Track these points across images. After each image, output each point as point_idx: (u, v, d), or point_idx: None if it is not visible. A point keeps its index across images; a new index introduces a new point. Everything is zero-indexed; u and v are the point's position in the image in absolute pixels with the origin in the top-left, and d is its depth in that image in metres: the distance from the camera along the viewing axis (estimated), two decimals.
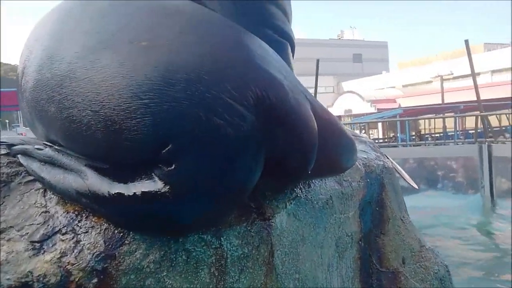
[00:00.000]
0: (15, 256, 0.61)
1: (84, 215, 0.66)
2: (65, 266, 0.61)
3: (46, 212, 0.67)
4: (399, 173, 1.33)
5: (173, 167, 0.58)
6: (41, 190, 0.71)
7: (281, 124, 0.60)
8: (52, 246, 0.62)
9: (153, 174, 0.60)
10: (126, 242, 0.63)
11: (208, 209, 0.60)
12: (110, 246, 0.63)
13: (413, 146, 11.04)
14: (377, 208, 1.11)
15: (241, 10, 1.11)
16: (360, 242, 1.04)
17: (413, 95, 21.82)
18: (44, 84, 0.68)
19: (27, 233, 0.64)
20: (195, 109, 0.56)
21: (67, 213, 0.66)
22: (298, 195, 0.82)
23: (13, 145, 0.80)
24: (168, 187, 0.58)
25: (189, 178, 0.58)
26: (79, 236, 0.63)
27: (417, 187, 1.36)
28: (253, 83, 0.59)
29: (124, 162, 0.64)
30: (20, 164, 0.76)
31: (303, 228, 0.81)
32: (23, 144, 0.79)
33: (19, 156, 0.77)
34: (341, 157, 0.74)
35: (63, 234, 0.64)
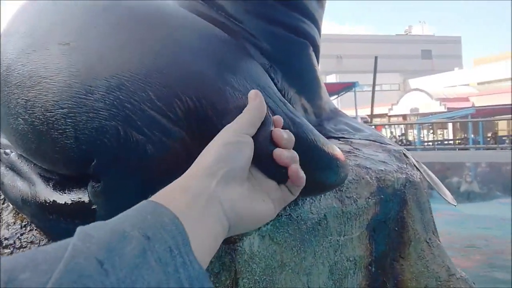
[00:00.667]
0: None
1: (28, 228, 0.62)
2: None
3: None
4: (434, 187, 1.15)
5: (99, 185, 0.51)
6: (2, 198, 0.69)
7: None
8: None
9: (86, 190, 0.54)
10: None
11: None
12: None
13: (487, 149, 10.08)
14: (396, 228, 0.96)
15: (255, 8, 1.02)
16: (369, 267, 0.89)
17: (490, 93, 19.94)
18: None
19: None
20: (113, 122, 0.48)
21: (14, 224, 0.63)
22: (279, 214, 0.71)
23: None
24: (94, 206, 0.52)
25: (112, 198, 0.50)
26: (17, 250, 0.59)
27: (455, 204, 1.16)
28: (182, 91, 0.50)
29: (66, 175, 0.59)
30: None
31: (283, 253, 0.70)
32: None
33: None
34: (317, 175, 0.62)
35: (4, 248, 0.60)
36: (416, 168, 1.13)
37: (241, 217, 0.45)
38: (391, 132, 13.13)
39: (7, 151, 0.73)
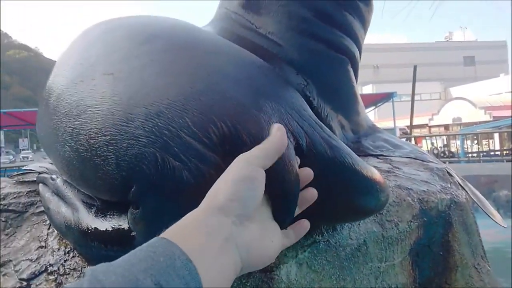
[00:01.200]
0: None
1: (71, 254, 0.64)
2: None
3: (43, 247, 0.67)
4: (481, 208, 1.08)
5: (138, 211, 0.52)
6: (48, 223, 0.72)
7: None
8: (37, 286, 0.61)
9: (127, 217, 0.55)
10: None
11: None
12: None
13: None
14: (441, 253, 0.91)
15: (295, 25, 1.03)
16: None
17: None
18: (44, 115, 0.69)
19: (20, 269, 0.64)
20: (151, 148, 0.49)
21: (58, 250, 0.65)
22: (317, 240, 0.69)
23: (40, 173, 0.83)
24: (133, 233, 0.53)
25: (150, 225, 0.51)
26: (61, 277, 0.61)
27: (505, 226, 1.09)
28: (218, 117, 0.50)
29: (109, 201, 0.60)
30: (38, 194, 0.78)
31: (321, 281, 0.67)
32: (46, 173, 0.81)
33: (40, 185, 0.79)
34: (356, 200, 0.60)
35: (48, 274, 0.62)
36: (461, 187, 1.07)
37: (253, 258, 0.44)
38: (432, 144, 12.60)
39: (54, 176, 0.77)
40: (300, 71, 1.01)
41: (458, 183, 1.09)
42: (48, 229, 0.70)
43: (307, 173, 0.53)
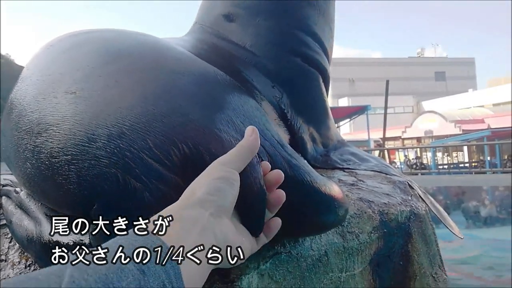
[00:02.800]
0: None
1: (32, 267, 0.63)
2: None
3: (3, 260, 0.66)
4: (441, 220, 1.14)
5: (98, 228, 0.52)
6: (10, 236, 0.71)
7: None
8: None
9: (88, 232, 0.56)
10: None
11: None
12: None
13: (504, 172, 9.82)
14: (401, 263, 0.95)
15: (272, 39, 1.06)
16: None
17: (506, 115, 19.63)
18: (5, 130, 0.69)
19: None
20: (113, 169, 0.51)
21: (19, 263, 0.65)
22: (278, 251, 0.71)
23: (4, 185, 0.82)
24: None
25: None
26: None
27: (462, 237, 1.14)
28: (180, 138, 0.52)
29: (70, 216, 0.61)
30: (1, 207, 0.77)
31: None
32: (10, 185, 0.81)
33: (3, 197, 0.78)
34: (315, 216, 0.63)
35: None
36: (422, 199, 1.12)
37: (229, 254, 0.47)
38: (405, 156, 12.96)
39: (17, 189, 0.76)
40: (276, 83, 1.04)
41: (419, 195, 1.15)
42: (10, 242, 0.70)
43: (279, 195, 0.56)
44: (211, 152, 0.52)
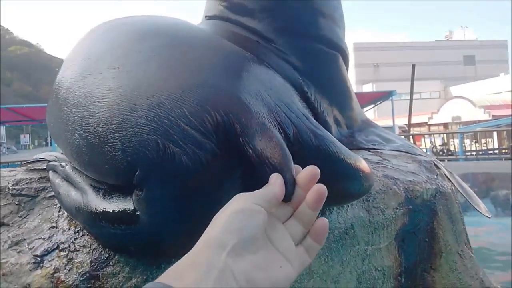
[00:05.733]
0: (19, 268, 0.66)
1: (81, 233, 0.69)
2: (56, 282, 0.64)
3: (54, 227, 0.72)
4: (467, 199, 1.14)
5: (142, 193, 0.57)
6: (58, 206, 0.77)
7: (244, 152, 0.55)
8: (49, 261, 0.66)
9: (131, 199, 0.61)
10: (111, 264, 0.64)
11: (178, 235, 0.57)
12: (95, 266, 0.64)
13: None
14: (426, 239, 0.96)
15: (284, 24, 1.07)
16: (399, 278, 0.91)
17: None
18: (53, 107, 0.74)
19: (33, 246, 0.69)
20: (153, 136, 0.55)
21: (69, 229, 0.71)
22: None
23: (49, 161, 0.88)
24: (138, 212, 0.58)
25: (154, 205, 0.56)
26: (72, 253, 0.67)
27: (489, 216, 1.14)
28: (212, 107, 0.55)
29: (115, 184, 0.66)
30: (48, 180, 0.83)
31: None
32: (55, 161, 0.87)
33: (49, 172, 0.84)
34: (340, 184, 0.65)
35: (60, 251, 0.68)
36: (448, 178, 1.13)
37: (258, 286, 0.43)
38: (431, 142, 12.67)
39: (63, 163, 0.82)
40: (296, 68, 1.06)
41: (445, 174, 1.15)
42: (59, 211, 0.76)
43: (319, 189, 0.51)
44: (241, 121, 0.55)
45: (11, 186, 0.81)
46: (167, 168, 0.54)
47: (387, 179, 0.94)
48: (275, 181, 0.50)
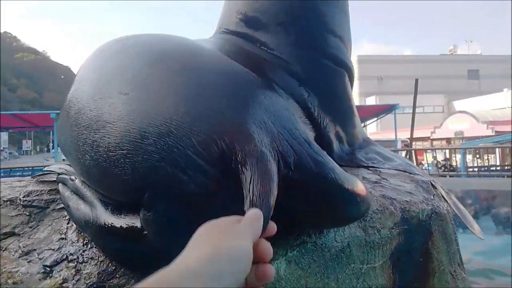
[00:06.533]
0: (29, 278, 0.70)
1: (89, 245, 0.73)
2: None
3: (63, 239, 0.76)
4: (462, 219, 1.16)
5: (149, 214, 0.61)
6: (67, 218, 0.81)
7: (248, 181, 0.59)
8: (58, 272, 0.70)
9: (139, 216, 0.64)
10: (117, 276, 0.68)
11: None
12: (102, 278, 0.68)
13: None
14: (420, 259, 0.99)
15: (295, 39, 1.11)
16: None
17: None
18: (64, 125, 0.78)
19: (43, 257, 0.73)
20: (163, 163, 0.59)
21: (77, 241, 0.74)
22: (305, 241, 0.78)
23: (59, 174, 0.92)
24: (145, 231, 0.61)
25: (161, 226, 0.60)
26: (80, 265, 0.70)
27: (482, 237, 1.17)
28: (218, 136, 0.59)
29: (123, 202, 0.69)
30: (58, 192, 0.87)
31: (307, 278, 0.76)
32: (65, 174, 0.91)
33: (59, 184, 0.88)
34: (338, 210, 0.69)
35: (68, 262, 0.71)
36: (444, 199, 1.16)
37: None
38: (434, 157, 12.65)
39: (72, 177, 0.86)
40: (302, 83, 1.10)
41: (441, 195, 1.18)
42: (68, 223, 0.79)
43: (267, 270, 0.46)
44: (244, 149, 0.59)
45: (22, 197, 0.85)
46: (175, 194, 0.58)
47: (384, 199, 0.97)
48: (259, 218, 0.48)
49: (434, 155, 12.71)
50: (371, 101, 28.74)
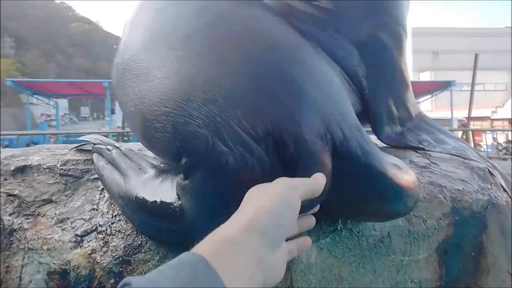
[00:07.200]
0: (61, 245, 0.71)
1: (118, 218, 0.72)
2: (93, 263, 0.68)
3: (95, 209, 0.76)
4: None
5: (186, 182, 0.58)
6: (101, 188, 0.81)
7: (291, 166, 0.54)
8: (88, 242, 0.70)
9: (175, 184, 0.62)
10: (142, 250, 0.67)
11: (212, 229, 0.58)
12: (128, 251, 0.67)
13: None
14: (472, 254, 0.90)
15: (348, 7, 1.02)
16: None
17: None
18: (118, 65, 0.76)
19: (75, 226, 0.73)
20: (204, 130, 0.55)
21: (107, 213, 0.74)
22: (340, 228, 0.72)
23: (95, 144, 0.92)
24: (179, 202, 0.59)
25: (196, 196, 0.57)
26: (108, 237, 0.70)
27: None
28: (265, 116, 0.54)
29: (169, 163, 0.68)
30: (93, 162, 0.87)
31: (341, 267, 0.71)
32: (100, 144, 0.91)
33: (94, 154, 0.88)
34: (382, 205, 0.62)
35: (98, 233, 0.71)
36: (504, 189, 1.04)
37: (270, 281, 0.44)
38: (494, 139, 11.79)
39: (109, 147, 0.86)
40: (355, 51, 1.00)
41: (501, 184, 1.06)
42: (100, 194, 0.79)
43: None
44: (291, 133, 0.54)
45: (60, 166, 0.86)
46: (213, 164, 0.55)
47: (432, 186, 0.88)
48: (321, 178, 0.53)
49: (495, 136, 11.87)
50: (425, 77, 27.20)
